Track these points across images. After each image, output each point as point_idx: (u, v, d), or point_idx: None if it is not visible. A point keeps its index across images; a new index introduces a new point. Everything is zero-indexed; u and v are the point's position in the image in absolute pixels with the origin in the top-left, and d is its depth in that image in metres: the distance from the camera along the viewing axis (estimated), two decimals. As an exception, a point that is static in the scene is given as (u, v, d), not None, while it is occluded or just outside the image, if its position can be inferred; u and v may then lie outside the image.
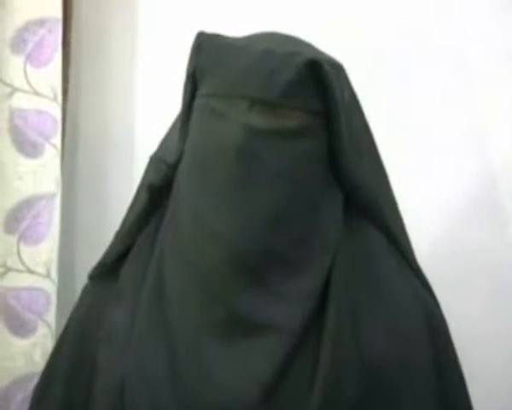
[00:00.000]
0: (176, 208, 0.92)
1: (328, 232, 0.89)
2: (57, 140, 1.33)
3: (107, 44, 1.46)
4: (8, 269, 1.29)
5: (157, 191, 0.95)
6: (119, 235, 1.00)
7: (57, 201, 1.33)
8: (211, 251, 0.86)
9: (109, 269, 0.97)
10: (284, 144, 0.87)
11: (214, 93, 0.90)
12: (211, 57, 0.91)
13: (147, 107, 1.45)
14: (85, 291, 1.02)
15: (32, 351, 1.30)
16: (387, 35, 1.28)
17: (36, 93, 1.29)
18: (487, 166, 1.28)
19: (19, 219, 1.29)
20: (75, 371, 0.95)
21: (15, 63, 1.28)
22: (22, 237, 1.29)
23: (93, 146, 1.48)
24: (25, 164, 1.29)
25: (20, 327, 1.29)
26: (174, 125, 0.99)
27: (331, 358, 0.84)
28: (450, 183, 1.29)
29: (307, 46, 0.94)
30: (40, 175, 1.30)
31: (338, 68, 0.92)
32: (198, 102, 0.92)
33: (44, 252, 1.31)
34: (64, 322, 1.41)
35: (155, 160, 0.99)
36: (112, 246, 1.00)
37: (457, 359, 0.97)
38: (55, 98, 1.31)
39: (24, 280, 1.29)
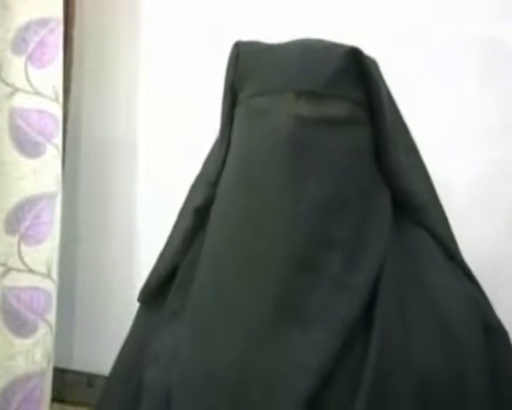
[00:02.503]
0: (222, 210, 0.91)
1: (379, 224, 0.89)
2: (58, 140, 1.33)
3: (109, 44, 1.46)
4: (9, 269, 1.29)
5: (201, 212, 0.95)
6: (163, 256, 1.00)
7: (58, 200, 1.33)
8: (264, 246, 0.85)
9: (157, 291, 0.97)
10: (332, 133, 0.88)
11: (257, 92, 0.90)
12: (250, 62, 0.91)
13: (149, 107, 1.45)
14: (137, 317, 1.03)
15: (33, 350, 1.30)
16: (387, 42, 1.27)
17: (37, 93, 1.29)
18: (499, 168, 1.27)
19: (20, 218, 1.29)
20: (126, 395, 0.96)
21: (17, 63, 1.28)
22: (23, 237, 1.29)
23: (95, 146, 1.48)
24: (26, 164, 1.29)
25: (20, 327, 1.30)
26: (214, 144, 1.00)
27: (379, 353, 0.82)
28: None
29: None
30: (41, 175, 1.30)
31: (375, 63, 0.94)
32: (239, 108, 0.93)
33: (45, 252, 1.31)
34: (64, 321, 1.43)
35: (198, 181, 1.00)
36: (157, 268, 1.00)
37: None
38: (56, 98, 1.31)
39: (25, 280, 1.30)
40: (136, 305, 1.46)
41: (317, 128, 0.87)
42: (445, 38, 1.26)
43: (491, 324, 0.91)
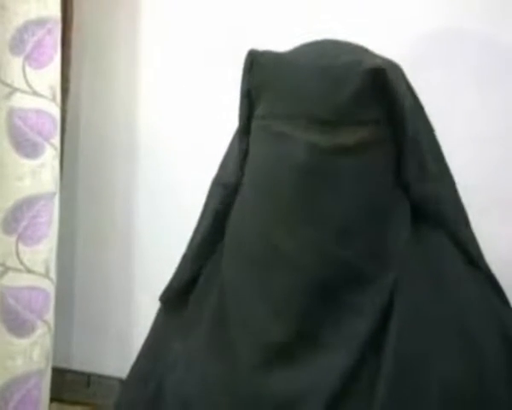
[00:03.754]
0: (239, 232, 0.91)
1: (395, 244, 0.87)
2: (56, 140, 1.33)
3: (108, 44, 1.46)
4: (8, 269, 1.29)
5: (220, 215, 0.94)
6: (185, 259, 0.99)
7: (56, 200, 1.33)
8: (281, 273, 0.85)
9: (179, 294, 0.97)
10: (348, 160, 0.85)
11: (272, 114, 0.88)
12: (266, 75, 0.89)
13: (149, 107, 1.45)
14: (157, 319, 1.02)
15: (31, 350, 1.30)
16: (386, 40, 1.26)
17: (35, 93, 1.29)
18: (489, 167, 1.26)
19: (18, 218, 1.29)
20: (143, 400, 0.95)
21: (15, 63, 1.28)
22: (21, 237, 1.29)
23: (93, 146, 1.48)
24: (24, 164, 1.29)
25: (19, 327, 1.30)
26: (231, 145, 0.98)
27: (392, 374, 0.82)
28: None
29: (364, 52, 0.92)
30: (39, 175, 1.30)
31: (397, 71, 0.90)
32: (256, 123, 0.91)
33: (43, 252, 1.31)
34: (63, 321, 1.43)
35: (216, 183, 0.98)
36: (179, 270, 0.99)
37: None
38: (54, 98, 1.31)
39: (23, 280, 1.30)
40: (135, 304, 1.48)
41: (332, 157, 0.84)
42: (442, 36, 1.25)
43: None
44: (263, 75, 0.89)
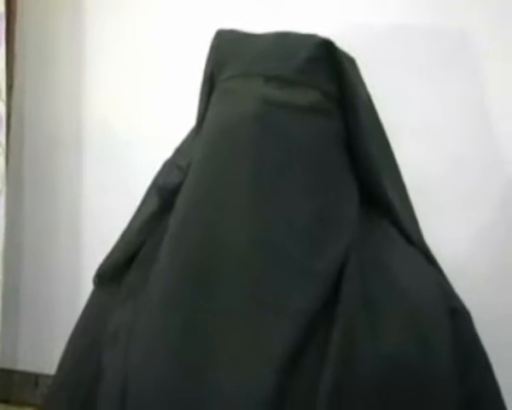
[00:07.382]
0: (186, 193, 0.91)
1: (345, 213, 0.90)
2: (2, 137, 1.31)
3: (52, 40, 1.45)
4: (-47, 267, 1.27)
5: (168, 194, 0.94)
6: (125, 237, 0.98)
7: (2, 198, 1.31)
8: (227, 227, 0.85)
9: (115, 271, 0.96)
10: (297, 118, 0.89)
11: (229, 76, 0.93)
12: (229, 48, 0.95)
13: (94, 103, 1.44)
14: (92, 297, 1.00)
15: (-22, 351, 1.29)
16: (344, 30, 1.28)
17: (-21, 89, 1.27)
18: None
19: (-37, 216, 1.27)
20: (81, 376, 0.93)
21: (-42, 59, 1.26)
22: (-33, 235, 1.27)
23: (39, 142, 1.47)
24: (-31, 161, 1.27)
25: (-35, 326, 1.28)
26: (191, 131, 1.00)
27: (343, 341, 0.82)
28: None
29: None
30: (-15, 172, 1.28)
31: (352, 60, 0.97)
32: (214, 94, 0.95)
33: (-11, 249, 1.29)
34: (10, 321, 1.41)
35: (168, 163, 0.99)
36: (118, 248, 0.98)
37: (484, 352, 0.93)
38: (-2, 95, 1.29)
39: (-31, 278, 1.27)
40: (82, 302, 1.45)
41: (282, 111, 0.89)
42: (391, 34, 1.27)
43: (455, 306, 0.92)
44: (226, 49, 0.95)
